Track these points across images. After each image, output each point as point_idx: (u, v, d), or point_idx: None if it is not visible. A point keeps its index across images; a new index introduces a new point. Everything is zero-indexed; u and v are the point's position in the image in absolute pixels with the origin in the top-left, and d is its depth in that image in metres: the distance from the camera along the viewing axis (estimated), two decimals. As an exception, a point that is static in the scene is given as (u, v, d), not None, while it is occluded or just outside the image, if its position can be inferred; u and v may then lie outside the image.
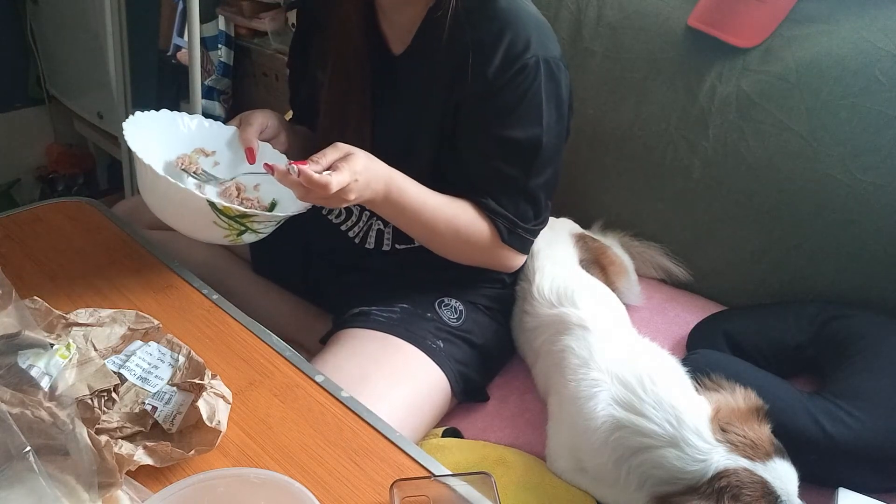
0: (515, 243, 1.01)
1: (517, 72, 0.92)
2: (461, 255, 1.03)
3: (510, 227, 1.00)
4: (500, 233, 1.00)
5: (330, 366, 0.93)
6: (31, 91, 2.35)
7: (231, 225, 0.87)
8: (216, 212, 0.85)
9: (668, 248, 1.34)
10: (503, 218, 0.99)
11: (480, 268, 1.11)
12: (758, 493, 0.79)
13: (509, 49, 0.92)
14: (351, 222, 1.12)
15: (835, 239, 1.16)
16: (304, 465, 0.68)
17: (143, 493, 0.63)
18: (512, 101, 0.94)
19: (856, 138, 1.13)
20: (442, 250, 1.02)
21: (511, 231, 1.00)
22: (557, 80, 0.96)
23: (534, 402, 1.07)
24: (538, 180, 0.99)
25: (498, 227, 0.99)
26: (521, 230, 1.01)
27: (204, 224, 0.87)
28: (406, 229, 0.99)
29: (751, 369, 1.02)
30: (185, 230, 0.92)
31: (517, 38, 0.93)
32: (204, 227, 0.87)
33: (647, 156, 1.34)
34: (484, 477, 0.66)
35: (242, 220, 0.87)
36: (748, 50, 1.23)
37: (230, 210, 0.85)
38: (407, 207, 0.93)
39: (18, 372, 0.66)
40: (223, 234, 0.89)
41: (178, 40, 2.10)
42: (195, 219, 0.87)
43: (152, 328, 0.82)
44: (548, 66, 0.94)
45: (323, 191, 0.81)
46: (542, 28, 0.97)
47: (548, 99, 0.95)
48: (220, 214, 0.85)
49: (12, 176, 2.40)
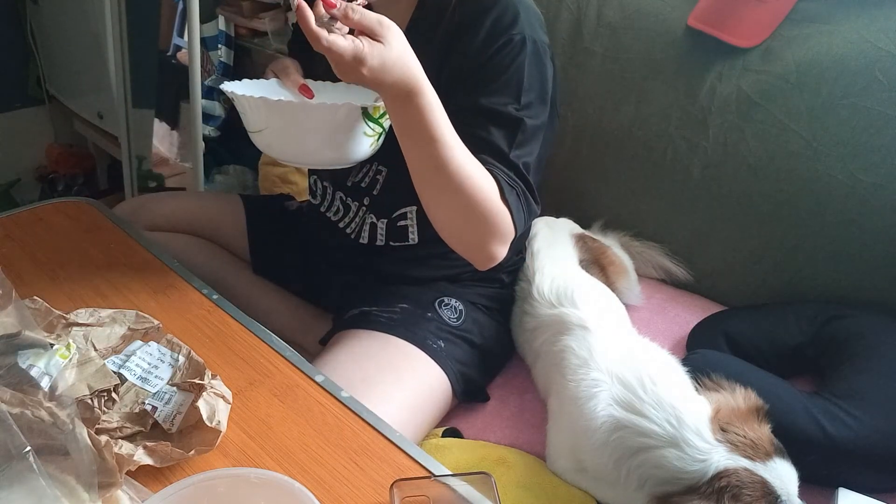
0: (513, 203, 0.90)
1: (502, 45, 0.91)
2: (463, 209, 0.88)
3: (508, 181, 0.90)
4: (501, 185, 0.89)
5: (331, 366, 0.93)
6: (31, 91, 2.35)
7: (375, 129, 0.86)
8: (366, 119, 0.84)
9: (668, 248, 1.34)
10: (500, 170, 0.90)
11: (479, 268, 1.11)
12: (758, 493, 0.79)
13: (496, 23, 0.92)
14: (348, 218, 1.12)
15: (835, 239, 1.16)
16: (304, 465, 0.68)
17: (143, 493, 0.63)
18: (494, 72, 0.92)
19: (856, 138, 1.13)
20: (444, 198, 0.89)
21: (510, 185, 0.90)
22: (542, 64, 0.95)
23: (534, 402, 1.07)
24: (523, 157, 0.93)
25: (496, 176, 0.89)
26: (521, 192, 0.91)
27: (355, 138, 0.85)
28: (423, 153, 0.85)
29: (751, 369, 1.02)
30: (328, 157, 0.88)
31: (505, 13, 0.92)
32: (356, 142, 0.86)
33: (647, 156, 1.34)
34: (484, 477, 0.66)
35: (382, 119, 0.86)
36: (748, 50, 1.23)
37: (377, 110, 0.84)
38: (437, 118, 0.83)
39: (18, 372, 0.66)
40: (370, 144, 0.88)
41: (178, 40, 2.10)
42: (347, 136, 0.85)
43: (152, 328, 0.82)
44: (534, 47, 0.93)
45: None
46: (532, 12, 0.96)
47: (529, 77, 0.93)
48: (369, 120, 0.84)
49: (12, 176, 2.40)
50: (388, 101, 0.82)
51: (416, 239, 1.08)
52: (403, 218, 1.07)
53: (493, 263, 0.94)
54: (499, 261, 0.94)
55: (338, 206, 1.13)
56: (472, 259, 0.95)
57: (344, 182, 1.10)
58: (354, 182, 1.09)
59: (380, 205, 1.08)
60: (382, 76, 0.77)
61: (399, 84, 0.79)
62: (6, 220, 1.05)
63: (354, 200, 1.10)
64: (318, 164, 0.90)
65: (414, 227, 1.07)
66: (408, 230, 1.08)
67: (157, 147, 2.13)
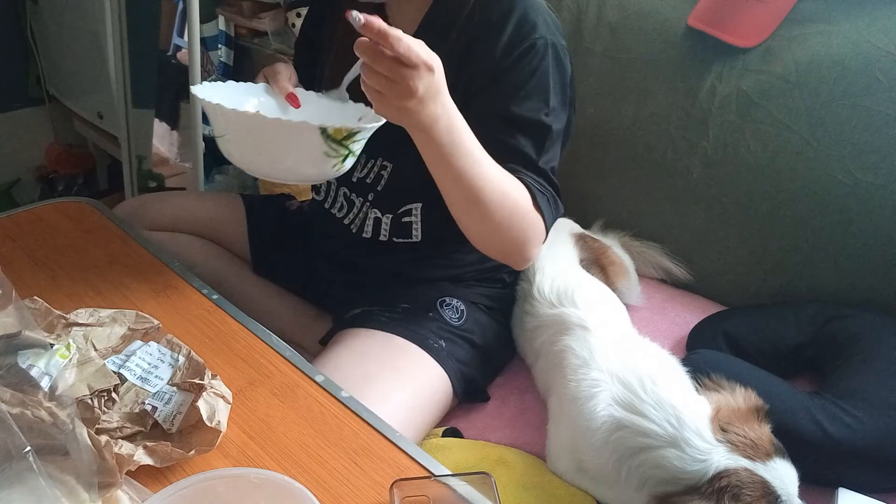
0: (545, 209, 0.91)
1: (525, 50, 0.92)
2: (500, 227, 0.89)
3: (539, 187, 0.91)
4: (533, 194, 0.90)
5: (332, 365, 0.93)
6: (31, 91, 2.35)
7: (339, 151, 0.83)
8: (327, 139, 0.81)
9: (668, 248, 1.34)
10: (530, 178, 0.91)
11: (480, 268, 1.11)
12: (758, 493, 0.79)
13: (517, 28, 0.92)
14: (353, 214, 1.12)
15: (835, 239, 1.16)
16: (304, 465, 0.68)
17: (143, 493, 0.63)
18: (520, 79, 0.92)
19: (856, 138, 1.13)
20: (482, 220, 0.89)
21: (541, 192, 0.91)
22: (564, 68, 0.96)
23: (534, 402, 1.07)
24: (551, 162, 0.95)
25: (527, 184, 0.90)
26: (550, 196, 0.93)
27: (314, 157, 0.82)
28: (455, 184, 0.85)
29: (751, 369, 1.02)
30: (289, 173, 0.86)
31: (525, 18, 0.92)
32: (313, 161, 0.83)
33: (647, 156, 1.34)
34: (484, 477, 0.66)
35: (347, 140, 0.83)
36: (748, 50, 1.23)
37: (340, 132, 0.81)
38: (463, 151, 0.82)
39: (18, 372, 0.66)
40: (332, 165, 0.84)
41: (178, 40, 2.10)
42: (306, 154, 0.82)
43: (152, 328, 0.82)
44: (556, 51, 0.94)
45: (395, 46, 0.70)
46: (550, 17, 0.97)
47: (554, 82, 0.94)
48: (331, 141, 0.81)
49: (12, 176, 2.40)
50: (433, 132, 0.79)
51: (420, 236, 1.08)
52: (408, 214, 1.07)
53: (529, 264, 0.98)
54: (533, 261, 0.98)
55: (342, 203, 1.13)
56: (508, 263, 0.98)
57: (348, 178, 1.10)
58: (359, 177, 1.09)
59: (384, 200, 1.07)
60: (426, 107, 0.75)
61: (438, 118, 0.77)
62: (6, 220, 1.05)
63: (359, 196, 1.10)
64: (277, 178, 0.88)
65: (418, 223, 1.07)
66: (412, 227, 1.08)
67: (157, 147, 2.13)
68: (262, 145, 0.83)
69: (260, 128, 0.81)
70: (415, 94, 0.73)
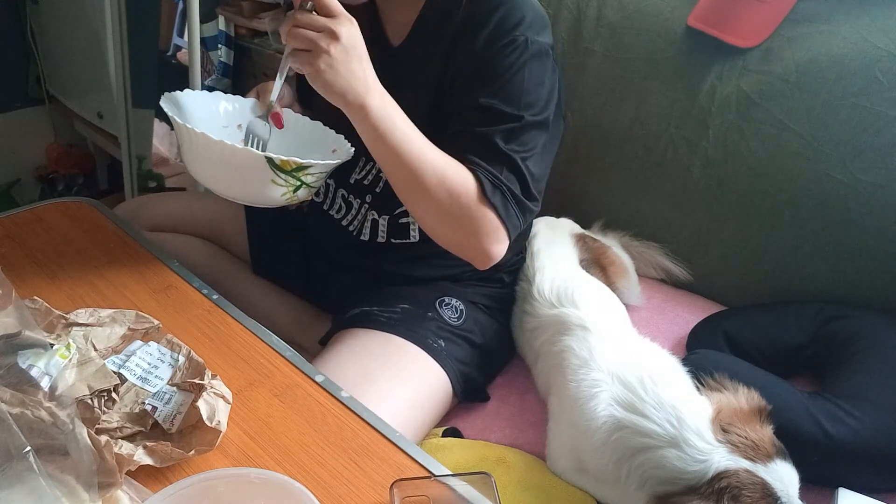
0: (498, 202, 0.90)
1: (505, 45, 0.92)
2: (441, 213, 0.90)
3: (493, 180, 0.90)
4: (483, 185, 0.89)
5: (332, 365, 0.93)
6: (31, 91, 2.35)
7: (288, 181, 0.85)
8: (274, 168, 0.82)
9: (668, 248, 1.34)
10: (485, 171, 0.90)
11: (478, 268, 1.11)
12: (758, 495, 0.79)
13: (501, 23, 0.92)
14: (350, 216, 1.12)
15: (835, 239, 1.16)
16: (304, 465, 0.68)
17: (143, 493, 0.63)
18: (495, 72, 0.92)
19: (856, 138, 1.13)
20: (421, 203, 0.90)
21: (494, 185, 0.90)
22: (545, 66, 0.95)
23: (534, 402, 1.07)
24: (521, 153, 0.92)
25: (480, 178, 0.89)
26: (507, 190, 0.91)
27: (261, 185, 0.84)
28: (390, 163, 0.88)
29: (751, 369, 1.02)
30: (240, 196, 0.89)
31: (510, 14, 0.92)
32: (262, 189, 0.85)
33: (647, 156, 1.34)
34: (484, 477, 0.66)
35: (298, 173, 0.84)
36: (748, 50, 1.23)
37: (288, 164, 0.82)
38: (396, 130, 0.85)
39: (18, 372, 0.66)
40: (281, 193, 0.86)
41: (178, 40, 2.10)
42: (253, 180, 0.84)
43: (152, 328, 0.82)
44: (537, 48, 0.93)
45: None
46: (538, 15, 0.96)
47: (531, 78, 0.92)
48: (278, 171, 0.83)
49: (12, 176, 2.40)
50: (362, 113, 0.83)
51: (418, 236, 1.08)
52: (406, 215, 1.07)
53: (492, 263, 0.94)
54: (497, 260, 0.94)
55: (340, 204, 1.13)
56: (468, 259, 0.96)
57: (346, 179, 1.10)
58: (357, 179, 1.09)
59: (382, 202, 1.07)
60: (352, 60, 0.79)
61: (370, 87, 0.81)
62: (6, 220, 1.05)
63: (357, 198, 1.10)
64: (228, 197, 0.89)
65: (416, 224, 1.07)
66: (409, 227, 1.08)
67: (157, 147, 2.13)
68: (208, 164, 0.86)
69: (205, 147, 0.83)
70: (339, 38, 0.77)
